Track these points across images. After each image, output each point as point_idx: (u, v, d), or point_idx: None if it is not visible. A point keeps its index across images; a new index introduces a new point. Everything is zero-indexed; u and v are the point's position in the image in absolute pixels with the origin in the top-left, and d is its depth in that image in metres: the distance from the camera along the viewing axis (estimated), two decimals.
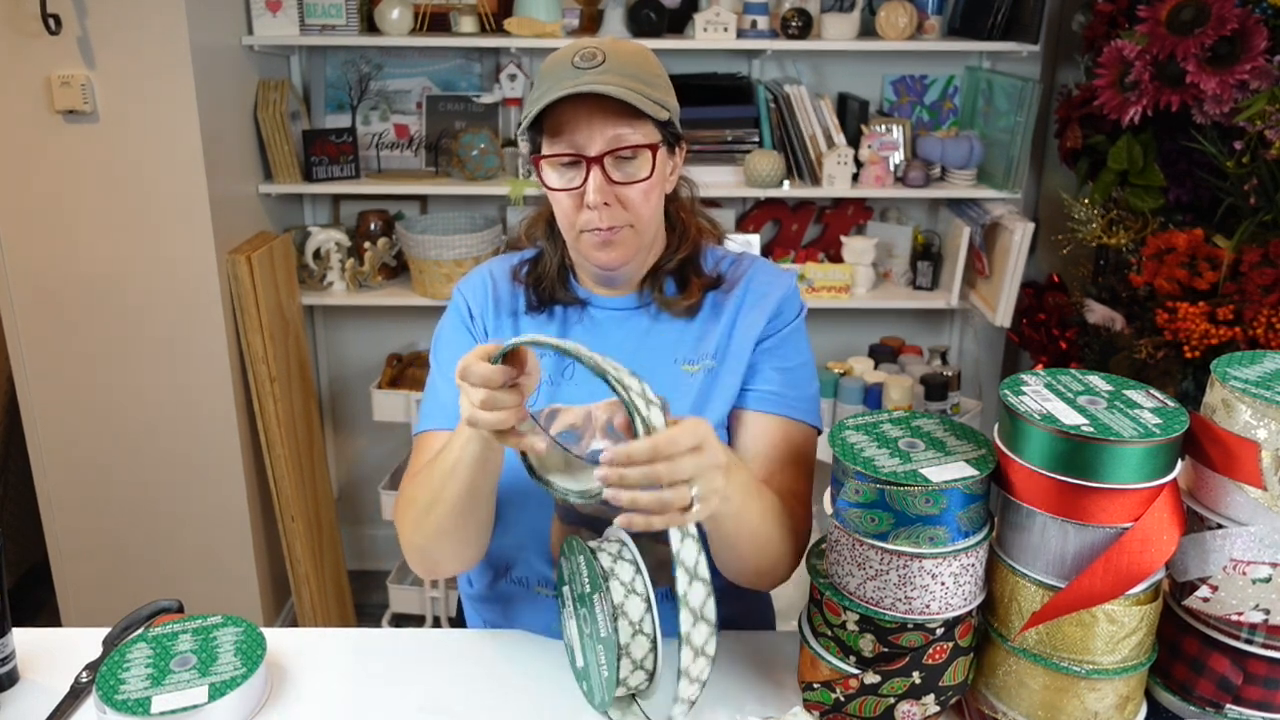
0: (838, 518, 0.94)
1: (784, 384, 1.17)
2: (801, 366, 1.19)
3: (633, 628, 0.94)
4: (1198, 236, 1.87)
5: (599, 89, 1.04)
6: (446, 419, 1.18)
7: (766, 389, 1.16)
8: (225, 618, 1.08)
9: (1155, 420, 0.87)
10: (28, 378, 2.27)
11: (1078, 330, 2.16)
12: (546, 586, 1.18)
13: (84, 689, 1.04)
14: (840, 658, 0.95)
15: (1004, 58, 2.58)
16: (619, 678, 0.95)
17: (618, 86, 1.04)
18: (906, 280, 2.66)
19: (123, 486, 2.35)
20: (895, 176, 2.54)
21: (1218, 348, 1.75)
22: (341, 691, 1.06)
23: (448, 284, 2.46)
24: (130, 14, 2.04)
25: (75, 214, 2.16)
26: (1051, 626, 0.89)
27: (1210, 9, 1.81)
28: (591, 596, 0.97)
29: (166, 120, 2.11)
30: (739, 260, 1.24)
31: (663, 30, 2.45)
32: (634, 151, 1.09)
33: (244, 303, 2.27)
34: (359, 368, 2.89)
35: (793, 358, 1.19)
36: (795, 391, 1.17)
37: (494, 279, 1.25)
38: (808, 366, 1.20)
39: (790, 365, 1.18)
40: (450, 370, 1.21)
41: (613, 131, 1.07)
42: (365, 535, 3.04)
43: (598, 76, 1.05)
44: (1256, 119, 1.74)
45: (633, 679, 0.96)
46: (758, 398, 1.16)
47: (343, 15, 2.39)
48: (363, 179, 2.57)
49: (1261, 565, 0.86)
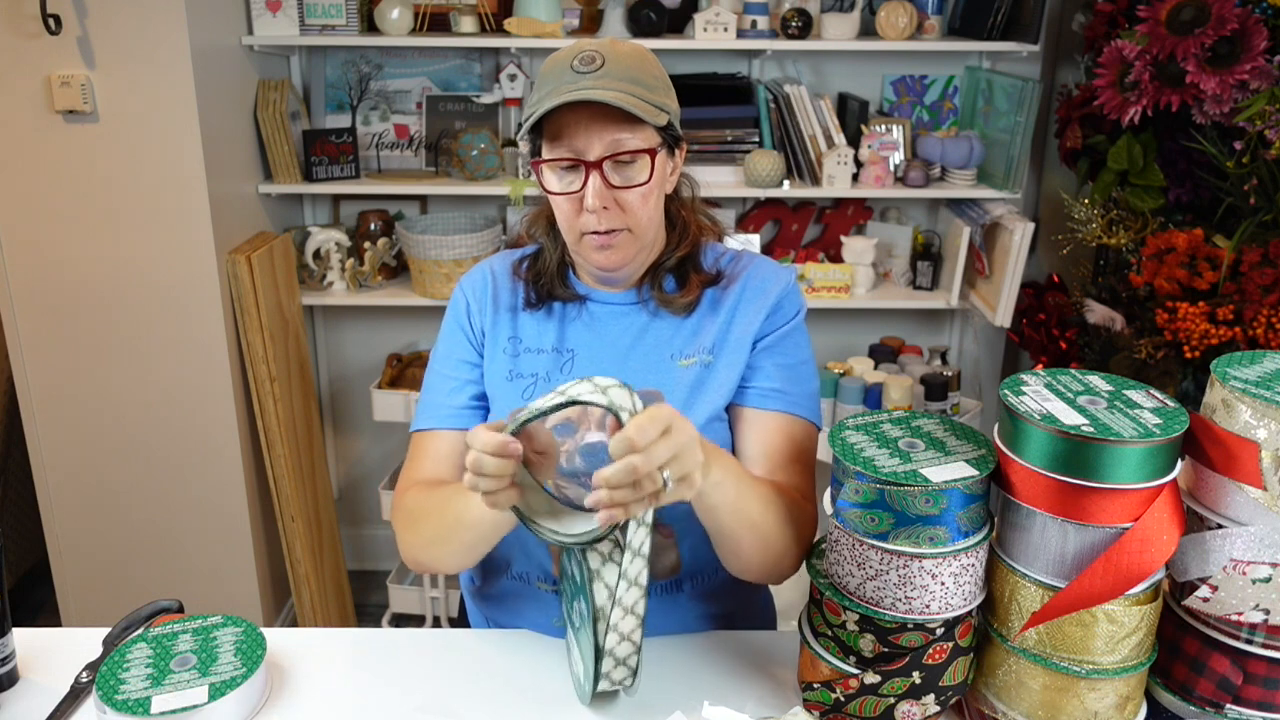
0: (838, 518, 0.94)
1: (785, 380, 1.17)
2: (802, 364, 1.20)
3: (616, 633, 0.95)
4: (1198, 236, 1.87)
5: (597, 97, 1.04)
6: (441, 418, 1.19)
7: (768, 386, 1.17)
8: (225, 618, 1.08)
9: (1155, 420, 0.87)
10: (28, 378, 2.27)
11: (1078, 330, 2.16)
12: (548, 582, 1.19)
13: (84, 689, 1.04)
14: (840, 658, 0.96)
15: (1004, 58, 2.58)
16: (600, 672, 0.97)
17: (616, 93, 1.05)
18: (906, 280, 2.66)
19: (123, 486, 2.35)
20: (895, 176, 2.54)
21: (1218, 348, 1.75)
22: (341, 691, 1.06)
23: (448, 284, 2.46)
24: (130, 14, 2.04)
25: (75, 214, 2.16)
26: (1051, 626, 0.89)
27: (1210, 9, 1.81)
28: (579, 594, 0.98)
29: (166, 120, 2.11)
30: (738, 257, 1.25)
31: (663, 30, 2.45)
32: (633, 156, 1.09)
33: (244, 303, 2.27)
34: (359, 368, 2.89)
35: (793, 354, 1.19)
36: (796, 388, 1.17)
37: (495, 275, 1.26)
38: (808, 364, 1.21)
39: (791, 362, 1.18)
40: (444, 368, 1.23)
41: (611, 137, 1.08)
42: (365, 535, 3.04)
43: (596, 81, 1.05)
44: (1256, 119, 1.74)
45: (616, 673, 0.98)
46: (759, 395, 1.17)
47: (343, 15, 2.39)
48: (363, 179, 2.57)
49: (1261, 565, 0.86)
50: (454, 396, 1.20)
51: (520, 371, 1.19)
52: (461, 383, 1.21)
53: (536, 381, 1.18)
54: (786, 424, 1.16)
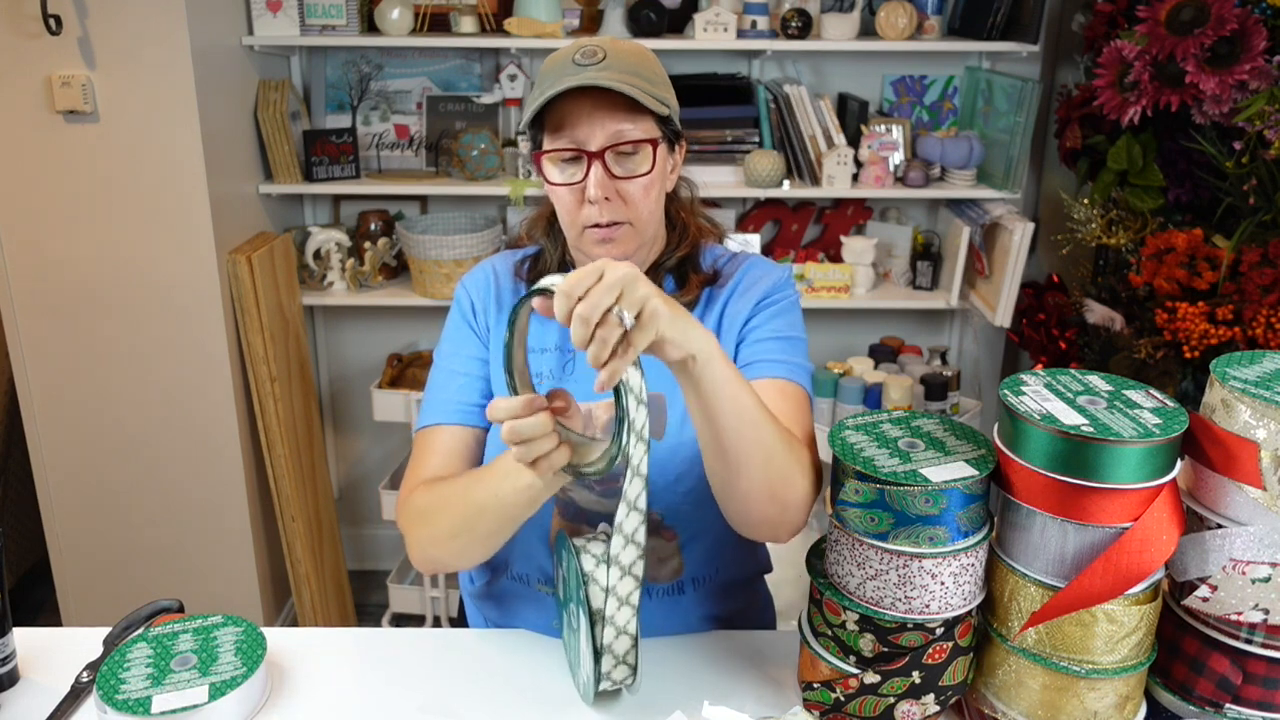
0: (838, 517, 0.94)
1: (777, 349, 1.15)
2: (794, 340, 1.18)
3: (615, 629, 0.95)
4: (1197, 236, 1.87)
5: (600, 82, 1.04)
6: (447, 414, 1.19)
7: (760, 357, 1.15)
8: (225, 618, 1.09)
9: (1155, 420, 0.87)
10: (28, 378, 2.27)
11: (1077, 330, 2.16)
12: (547, 584, 1.19)
13: (84, 689, 1.04)
14: (840, 658, 0.96)
15: (1004, 58, 2.58)
16: (601, 672, 0.97)
17: (619, 81, 1.05)
18: (906, 280, 2.66)
19: (123, 486, 2.35)
20: (895, 176, 2.54)
21: (1217, 348, 1.75)
22: (341, 691, 1.06)
23: (448, 284, 2.46)
24: (130, 14, 2.04)
25: (75, 214, 2.16)
26: (1051, 626, 0.89)
27: (1210, 9, 1.81)
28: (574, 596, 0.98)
29: (166, 120, 2.11)
30: (735, 257, 1.25)
31: (663, 30, 2.45)
32: (635, 146, 1.09)
33: (244, 303, 2.27)
34: (359, 368, 2.89)
35: (785, 330, 1.18)
36: (788, 358, 1.15)
37: (497, 274, 1.26)
38: (801, 341, 1.19)
39: (783, 335, 1.17)
40: (451, 364, 1.22)
41: (614, 126, 1.08)
42: (365, 535, 3.04)
43: (599, 73, 1.06)
44: (1256, 119, 1.74)
45: (617, 673, 0.98)
46: (751, 366, 1.15)
47: (343, 15, 2.39)
48: (363, 179, 2.57)
49: (1261, 565, 0.86)
50: (463, 393, 1.19)
51: None
52: (472, 379, 1.20)
53: (541, 381, 1.18)
54: (779, 385, 1.13)
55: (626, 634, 0.96)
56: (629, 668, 0.98)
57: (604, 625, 0.95)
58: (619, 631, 0.96)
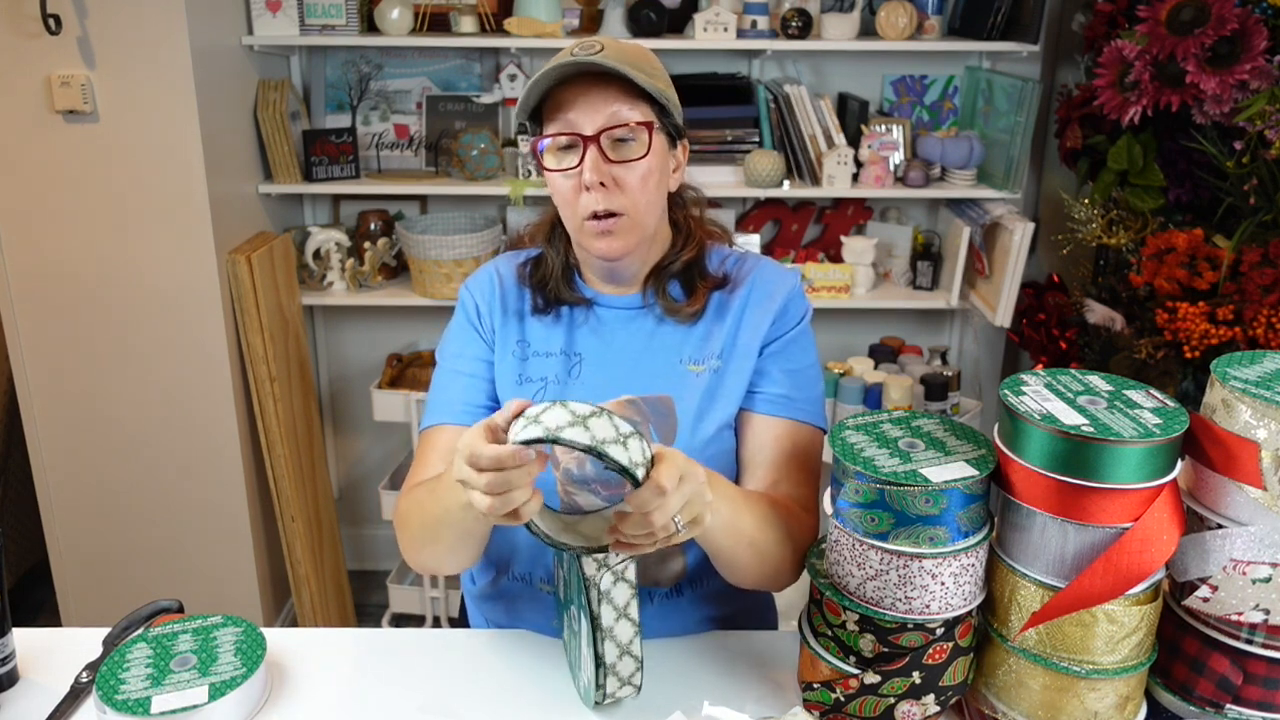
0: (838, 518, 0.94)
1: (792, 386, 1.17)
2: (808, 368, 1.20)
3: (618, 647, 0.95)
4: (1198, 236, 1.87)
5: (597, 61, 1.05)
6: (450, 414, 1.19)
7: (775, 392, 1.17)
8: (225, 618, 1.08)
9: (1155, 420, 0.87)
10: (28, 378, 2.27)
11: (1078, 330, 2.16)
12: (549, 583, 1.19)
13: (84, 689, 1.04)
14: (840, 658, 0.95)
15: (1004, 58, 2.58)
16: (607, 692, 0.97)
17: (615, 64, 1.06)
18: (906, 280, 2.66)
19: (123, 486, 2.35)
20: (895, 176, 2.54)
21: (1218, 348, 1.75)
22: (341, 691, 1.06)
23: (448, 284, 2.46)
24: (130, 14, 2.04)
25: (75, 214, 2.16)
26: (1051, 626, 0.89)
27: (1210, 9, 1.81)
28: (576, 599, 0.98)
29: (166, 120, 2.11)
30: (743, 259, 1.25)
31: (663, 30, 2.45)
32: (631, 131, 1.10)
33: (244, 303, 2.27)
34: (359, 368, 2.89)
35: (799, 359, 1.19)
36: (802, 393, 1.18)
37: (500, 278, 1.26)
38: (814, 368, 1.21)
39: (797, 367, 1.19)
40: (455, 365, 1.22)
41: (610, 109, 1.08)
42: (365, 535, 3.04)
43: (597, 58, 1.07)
44: (1256, 119, 1.74)
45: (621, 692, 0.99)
46: (766, 401, 1.17)
47: (343, 15, 2.39)
48: (363, 179, 2.57)
49: (1261, 565, 0.86)
50: (466, 393, 1.19)
51: (529, 375, 1.19)
52: (476, 379, 1.20)
53: (546, 385, 1.18)
54: (792, 430, 1.16)
55: (630, 655, 0.96)
56: (634, 688, 0.99)
57: (606, 638, 0.95)
58: (623, 652, 0.96)
